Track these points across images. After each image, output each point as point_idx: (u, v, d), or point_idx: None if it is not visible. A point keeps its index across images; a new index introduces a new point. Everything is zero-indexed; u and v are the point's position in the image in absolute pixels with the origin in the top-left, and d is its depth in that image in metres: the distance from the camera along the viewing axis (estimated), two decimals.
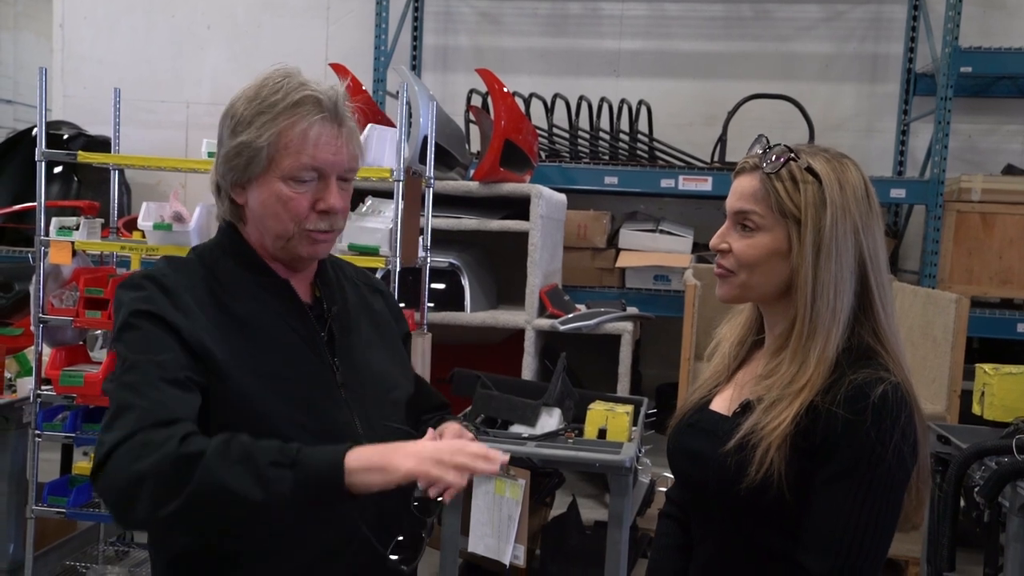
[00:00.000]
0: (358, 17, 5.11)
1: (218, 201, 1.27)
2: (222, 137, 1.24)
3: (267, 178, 1.21)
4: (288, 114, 1.19)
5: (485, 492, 2.33)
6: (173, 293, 1.19)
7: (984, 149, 4.68)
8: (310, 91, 1.21)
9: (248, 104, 1.21)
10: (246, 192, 1.23)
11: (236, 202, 1.25)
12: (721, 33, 4.91)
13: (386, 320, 1.43)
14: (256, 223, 1.25)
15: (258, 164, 1.20)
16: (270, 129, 1.19)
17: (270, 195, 1.21)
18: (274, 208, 1.21)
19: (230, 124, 1.22)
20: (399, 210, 2.58)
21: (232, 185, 1.23)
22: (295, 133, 1.19)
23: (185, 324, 1.16)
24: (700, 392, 1.34)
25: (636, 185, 4.26)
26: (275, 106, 1.19)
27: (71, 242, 2.69)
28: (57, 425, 2.72)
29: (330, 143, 1.21)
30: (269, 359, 1.21)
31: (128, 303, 1.19)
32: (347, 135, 1.24)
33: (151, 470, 1.03)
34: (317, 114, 1.20)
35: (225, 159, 1.22)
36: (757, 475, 1.12)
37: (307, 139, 1.19)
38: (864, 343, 1.19)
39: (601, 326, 3.46)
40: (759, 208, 1.20)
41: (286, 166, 1.20)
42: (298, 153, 1.19)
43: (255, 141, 1.19)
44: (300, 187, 1.21)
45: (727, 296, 1.26)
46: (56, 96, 5.29)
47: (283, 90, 1.21)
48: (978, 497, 2.07)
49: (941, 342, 3.05)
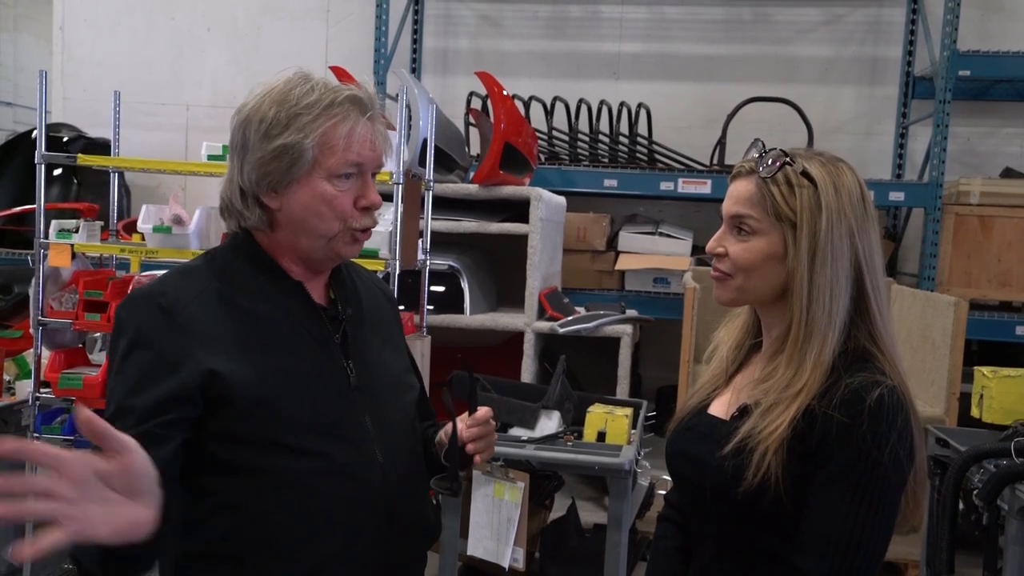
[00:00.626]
0: (358, 20, 5.12)
1: (242, 208, 1.24)
2: (248, 143, 1.21)
3: (310, 178, 1.20)
4: (329, 114, 1.20)
5: (484, 495, 2.34)
6: (171, 312, 1.17)
7: (983, 152, 4.68)
8: (349, 90, 1.22)
9: (279, 107, 1.20)
10: (282, 196, 1.21)
11: (266, 208, 1.23)
12: (721, 36, 4.91)
13: (396, 325, 1.44)
14: (293, 226, 1.23)
15: (303, 165, 1.19)
16: (314, 129, 1.19)
17: (314, 195, 1.20)
18: (318, 208, 1.21)
19: (260, 128, 1.20)
20: (399, 213, 2.58)
21: (268, 189, 1.21)
22: (341, 131, 1.20)
23: (183, 347, 1.15)
24: (698, 396, 1.34)
25: (635, 188, 4.27)
26: (313, 107, 1.19)
27: (70, 245, 2.69)
28: (56, 428, 2.72)
29: (369, 140, 1.23)
30: (281, 360, 1.21)
31: (127, 330, 1.18)
32: (381, 132, 1.25)
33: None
34: (357, 112, 1.21)
35: (259, 164, 1.20)
36: (754, 479, 1.13)
37: (353, 137, 1.20)
38: (861, 346, 1.19)
39: (600, 329, 3.46)
40: (755, 212, 1.21)
41: (331, 164, 1.20)
42: (345, 151, 1.20)
43: (301, 142, 1.18)
44: (343, 185, 1.21)
45: (724, 299, 1.27)
46: (56, 98, 5.30)
47: (316, 91, 1.21)
48: (977, 500, 2.08)
49: (940, 345, 3.05)
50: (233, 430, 1.17)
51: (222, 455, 1.17)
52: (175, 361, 1.15)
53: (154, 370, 1.14)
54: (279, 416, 1.18)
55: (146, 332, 1.16)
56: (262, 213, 1.24)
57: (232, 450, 1.17)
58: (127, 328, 1.18)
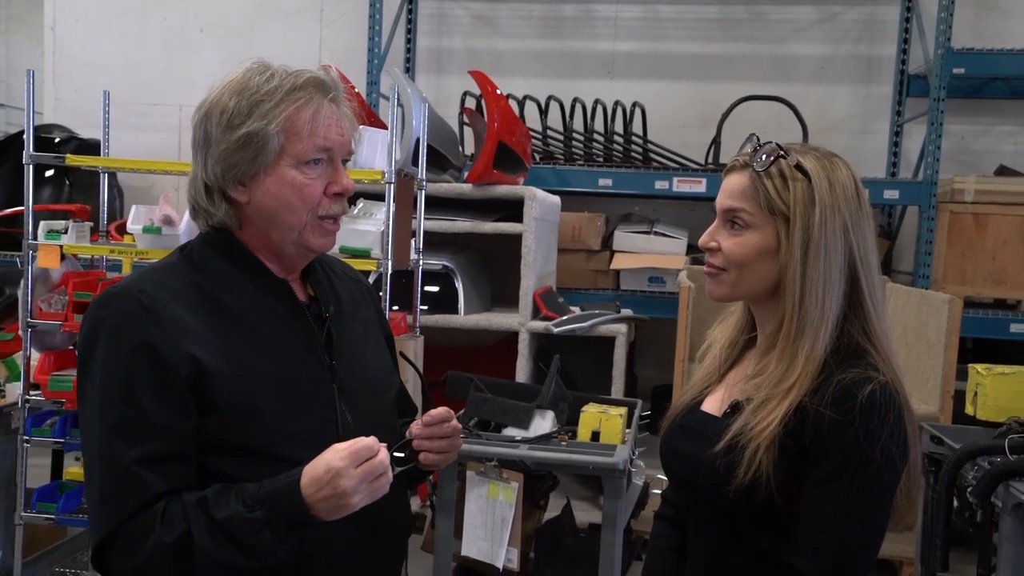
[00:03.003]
0: (351, 19, 5.10)
1: (208, 206, 1.19)
2: (210, 136, 1.17)
3: (278, 167, 1.16)
4: (292, 98, 1.16)
5: (478, 495, 2.32)
6: (152, 310, 1.12)
7: (977, 150, 4.68)
8: (309, 74, 1.18)
9: (239, 96, 1.16)
10: (250, 188, 1.17)
11: (234, 202, 1.18)
12: (715, 35, 4.91)
13: (373, 319, 1.41)
14: (261, 220, 1.18)
15: (269, 153, 1.15)
16: (277, 115, 1.14)
17: (282, 184, 1.16)
18: (287, 198, 1.16)
19: (221, 120, 1.15)
20: (391, 212, 2.57)
21: (234, 183, 1.17)
22: (305, 116, 1.16)
23: (170, 346, 1.10)
24: (691, 393, 1.33)
25: (630, 187, 4.26)
26: (275, 92, 1.15)
27: (59, 246, 2.67)
28: (46, 430, 2.70)
29: (337, 123, 1.19)
30: (266, 360, 1.17)
31: (108, 332, 1.12)
32: (347, 115, 1.22)
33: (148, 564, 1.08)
34: (320, 94, 1.18)
35: (224, 156, 1.15)
36: (746, 477, 1.12)
37: (318, 121, 1.16)
38: (854, 342, 1.18)
39: (595, 328, 3.45)
40: (748, 206, 1.20)
41: (299, 151, 1.16)
42: (311, 136, 1.16)
43: (265, 128, 1.14)
44: (313, 172, 1.17)
45: (717, 294, 1.25)
46: (48, 99, 5.27)
47: (276, 77, 1.17)
48: (971, 497, 2.07)
49: (934, 342, 3.05)
50: (220, 439, 1.13)
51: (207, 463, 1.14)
52: (161, 354, 1.10)
53: (142, 375, 1.10)
54: (266, 423, 1.15)
55: (128, 328, 1.12)
56: (229, 208, 1.19)
57: (217, 457, 1.14)
58: (108, 330, 1.12)
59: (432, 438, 1.24)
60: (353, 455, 1.06)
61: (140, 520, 1.08)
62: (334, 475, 1.05)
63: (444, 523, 2.36)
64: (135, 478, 1.08)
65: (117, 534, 1.09)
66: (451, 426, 1.25)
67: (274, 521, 1.06)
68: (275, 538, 1.07)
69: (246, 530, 1.06)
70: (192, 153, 1.22)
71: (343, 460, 1.06)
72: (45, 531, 2.94)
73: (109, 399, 1.11)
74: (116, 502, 1.09)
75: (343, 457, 1.06)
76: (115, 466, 1.09)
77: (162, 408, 1.10)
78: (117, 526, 1.08)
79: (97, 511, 1.10)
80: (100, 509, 1.10)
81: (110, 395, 1.11)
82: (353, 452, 1.07)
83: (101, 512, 1.10)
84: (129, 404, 1.10)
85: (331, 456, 1.07)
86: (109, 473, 1.10)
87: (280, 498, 1.07)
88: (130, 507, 1.08)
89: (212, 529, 1.06)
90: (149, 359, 1.10)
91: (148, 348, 1.11)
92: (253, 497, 1.07)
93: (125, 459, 1.09)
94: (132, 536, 1.08)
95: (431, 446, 1.24)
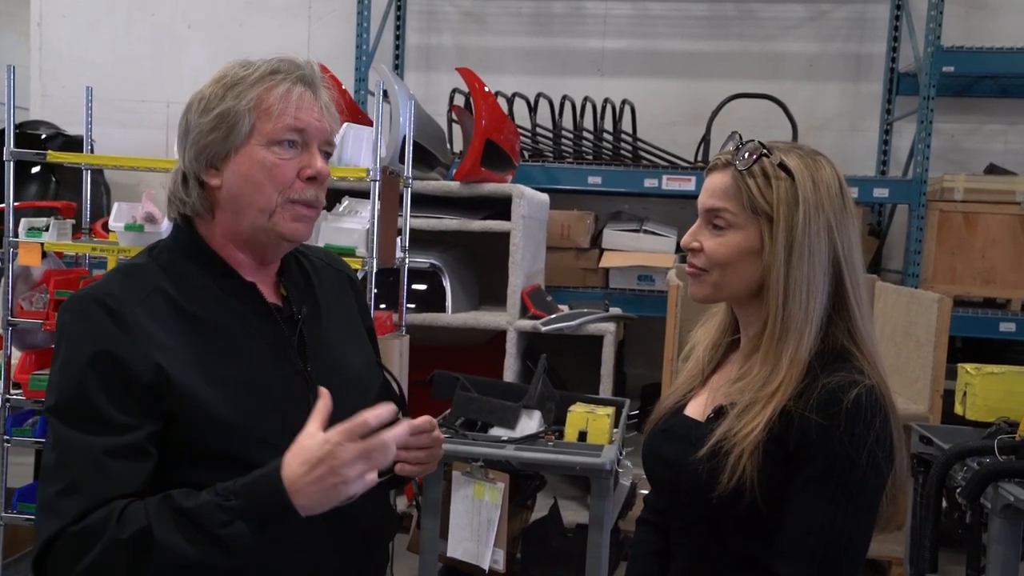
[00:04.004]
0: (340, 16, 5.07)
1: (182, 194, 1.19)
2: (188, 124, 1.17)
3: (249, 147, 1.15)
4: (266, 80, 1.16)
5: (464, 496, 2.30)
6: (119, 314, 1.10)
7: (967, 148, 4.68)
8: (285, 57, 1.18)
9: (216, 83, 1.17)
10: (222, 171, 1.16)
11: (207, 188, 1.18)
12: (705, 32, 4.90)
13: (354, 311, 1.38)
14: (233, 204, 1.17)
15: (239, 133, 1.14)
16: (249, 95, 1.14)
17: (252, 165, 1.15)
18: (257, 178, 1.15)
19: (199, 106, 1.16)
20: (376, 210, 2.54)
21: (207, 166, 1.16)
22: (277, 94, 1.15)
23: (134, 353, 1.08)
24: (674, 396, 1.31)
25: (620, 185, 4.24)
26: (249, 76, 1.15)
27: (40, 243, 2.64)
28: (27, 430, 2.67)
29: (312, 107, 1.18)
30: (236, 368, 1.15)
31: (71, 336, 1.11)
32: (325, 104, 1.20)
33: (97, 563, 1.01)
34: (296, 76, 1.17)
35: (197, 139, 1.16)
36: (730, 483, 1.10)
37: (289, 100, 1.15)
38: (839, 344, 1.16)
39: (583, 327, 3.44)
40: (730, 205, 1.18)
41: (269, 130, 1.15)
42: (281, 115, 1.15)
43: (235, 107, 1.13)
44: (285, 153, 1.16)
45: (699, 295, 1.23)
46: (34, 95, 5.23)
47: (253, 65, 1.17)
48: (960, 498, 2.06)
49: (924, 342, 3.04)
50: (193, 448, 1.11)
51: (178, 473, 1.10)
52: (127, 364, 1.08)
53: (108, 383, 1.07)
54: (236, 432, 1.12)
55: (94, 338, 1.09)
56: (202, 193, 1.18)
57: (188, 467, 1.11)
58: (72, 336, 1.11)
59: (409, 448, 1.20)
60: (348, 432, 1.02)
61: (92, 520, 1.02)
62: (330, 451, 1.00)
63: (430, 524, 2.34)
64: (102, 472, 1.05)
65: (61, 534, 1.03)
66: (431, 437, 1.22)
67: (250, 510, 1.01)
68: (248, 530, 1.01)
69: (217, 520, 1.00)
70: (176, 149, 1.22)
71: (339, 435, 1.02)
72: (26, 532, 2.91)
73: (68, 399, 1.09)
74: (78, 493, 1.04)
75: (339, 432, 1.02)
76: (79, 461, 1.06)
77: (120, 411, 1.07)
78: (76, 519, 1.03)
79: (52, 502, 1.05)
80: (56, 499, 1.05)
81: (69, 396, 1.09)
82: (347, 429, 1.02)
83: (55, 502, 1.04)
84: (87, 406, 1.07)
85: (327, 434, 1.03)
86: (71, 467, 1.06)
87: (258, 485, 1.02)
88: (93, 499, 1.03)
89: (178, 519, 1.00)
90: (110, 365, 1.08)
91: (109, 355, 1.08)
92: (228, 488, 1.03)
93: (89, 452, 1.05)
94: (82, 536, 1.02)
95: (407, 456, 1.20)
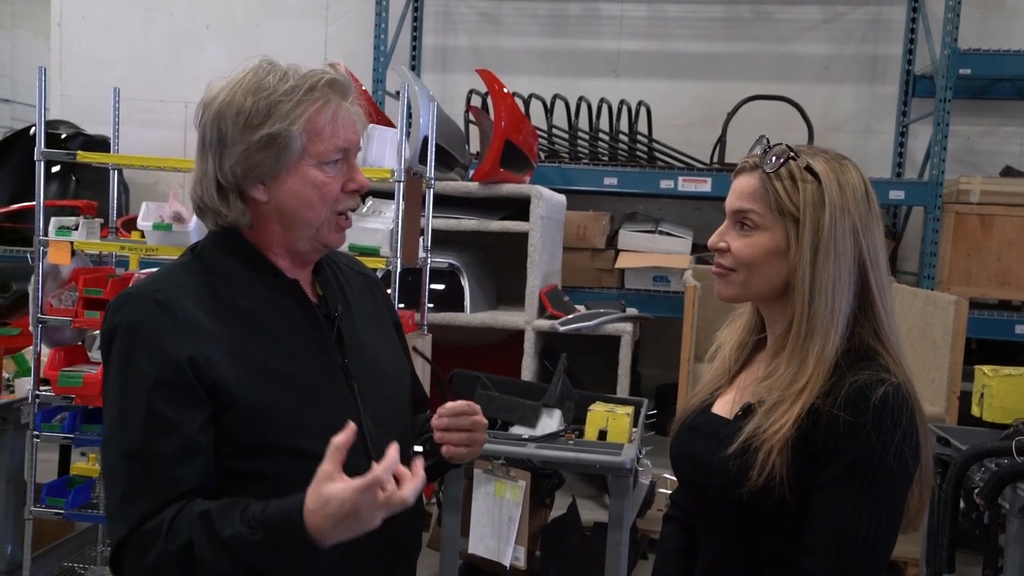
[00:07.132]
0: (357, 17, 5.11)
1: (220, 206, 1.20)
2: (225, 136, 1.17)
3: (300, 166, 1.18)
4: (311, 99, 1.17)
5: (485, 493, 2.33)
6: (170, 309, 1.14)
7: (983, 151, 4.68)
8: (326, 74, 1.20)
9: (254, 96, 1.16)
10: (270, 187, 1.18)
11: (251, 201, 1.19)
12: (721, 34, 4.91)
13: (383, 309, 1.42)
14: (280, 218, 1.20)
15: (292, 153, 1.17)
16: (298, 116, 1.16)
17: (304, 184, 1.18)
18: (309, 196, 1.19)
19: (239, 120, 1.16)
20: (400, 211, 2.58)
21: (255, 182, 1.18)
22: (326, 117, 1.18)
23: (184, 347, 1.12)
24: (701, 395, 1.33)
25: (635, 186, 4.26)
26: (292, 93, 1.17)
27: (70, 242, 2.68)
28: (56, 426, 2.71)
29: (352, 122, 1.22)
30: (281, 360, 1.18)
31: (123, 335, 1.14)
32: (358, 114, 1.24)
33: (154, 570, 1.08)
34: (338, 96, 1.20)
35: (244, 156, 1.16)
36: (759, 479, 1.12)
37: (337, 122, 1.19)
38: (865, 344, 1.18)
39: (601, 327, 3.46)
40: (758, 207, 1.20)
41: (320, 151, 1.18)
42: (332, 136, 1.18)
43: (288, 129, 1.15)
44: (331, 170, 1.20)
45: (726, 295, 1.26)
46: (54, 95, 5.28)
47: (291, 77, 1.18)
48: (978, 499, 2.07)
49: (940, 343, 3.05)
50: (236, 437, 1.14)
51: (227, 463, 1.15)
52: (179, 354, 1.12)
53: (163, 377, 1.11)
54: (283, 422, 1.16)
55: (147, 331, 1.13)
56: (244, 207, 1.20)
57: (237, 458, 1.15)
58: (125, 330, 1.14)
59: (450, 430, 1.27)
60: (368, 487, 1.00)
61: (150, 527, 1.08)
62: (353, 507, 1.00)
63: (451, 521, 2.37)
64: (160, 473, 1.09)
65: (129, 538, 1.09)
66: (472, 420, 1.28)
67: (277, 547, 1.04)
68: (279, 560, 1.05)
69: (248, 551, 1.05)
70: (198, 151, 1.22)
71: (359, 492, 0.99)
72: (53, 526, 2.95)
73: (128, 400, 1.12)
74: (140, 497, 1.09)
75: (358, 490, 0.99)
76: (138, 462, 1.10)
77: (178, 406, 1.11)
78: (140, 522, 1.09)
79: (118, 509, 1.11)
80: (121, 505, 1.10)
81: (128, 396, 1.12)
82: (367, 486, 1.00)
83: (121, 509, 1.10)
84: (146, 404, 1.11)
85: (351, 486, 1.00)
86: (131, 470, 1.11)
87: (281, 527, 1.04)
88: (154, 502, 1.09)
89: (215, 545, 1.05)
90: (162, 363, 1.12)
91: (160, 351, 1.12)
92: (256, 518, 1.05)
93: (147, 455, 1.10)
94: (142, 540, 1.09)
95: (450, 438, 1.27)
